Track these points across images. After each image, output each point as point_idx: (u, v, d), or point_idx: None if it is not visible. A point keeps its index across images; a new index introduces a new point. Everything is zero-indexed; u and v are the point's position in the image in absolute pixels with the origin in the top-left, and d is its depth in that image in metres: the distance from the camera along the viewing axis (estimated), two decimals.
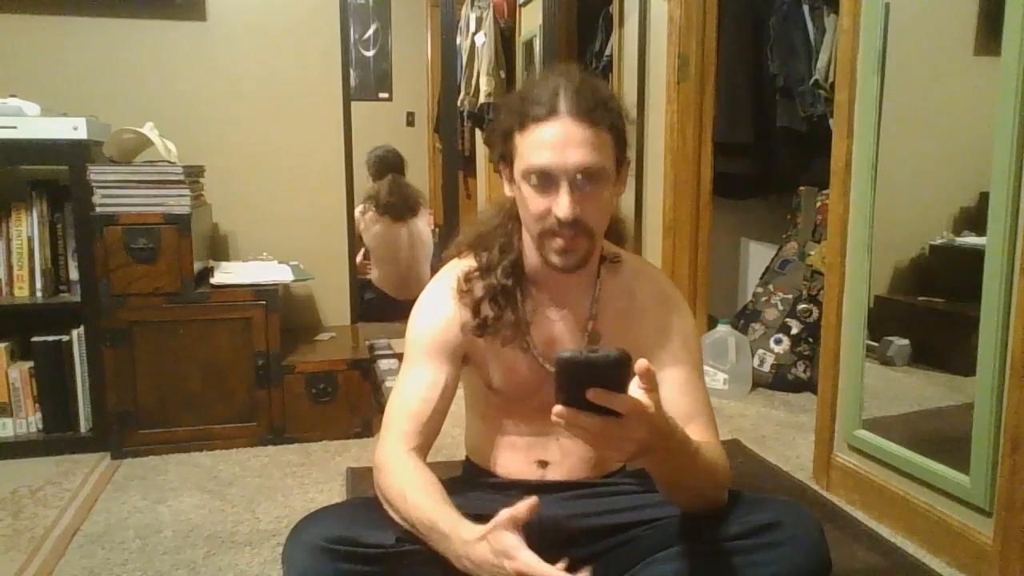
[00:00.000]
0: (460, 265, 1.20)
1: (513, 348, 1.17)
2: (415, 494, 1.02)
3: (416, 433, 1.12)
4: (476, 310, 1.16)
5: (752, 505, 1.06)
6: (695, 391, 1.16)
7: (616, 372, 0.84)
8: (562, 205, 1.01)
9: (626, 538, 1.13)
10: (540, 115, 1.02)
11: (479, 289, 1.16)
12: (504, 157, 1.10)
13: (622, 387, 0.85)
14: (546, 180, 1.03)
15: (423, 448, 1.13)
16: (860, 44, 1.77)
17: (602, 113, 1.03)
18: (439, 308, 1.18)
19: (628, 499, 1.17)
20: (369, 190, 3.79)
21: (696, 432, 1.10)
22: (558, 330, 1.18)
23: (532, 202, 1.05)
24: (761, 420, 2.50)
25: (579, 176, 1.02)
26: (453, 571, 1.02)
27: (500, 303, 1.15)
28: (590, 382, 0.82)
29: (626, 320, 1.18)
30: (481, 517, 1.14)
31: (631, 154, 1.12)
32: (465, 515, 0.98)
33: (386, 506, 1.06)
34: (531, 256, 1.15)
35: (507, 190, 1.13)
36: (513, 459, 1.22)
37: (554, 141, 1.01)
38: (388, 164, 3.85)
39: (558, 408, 0.84)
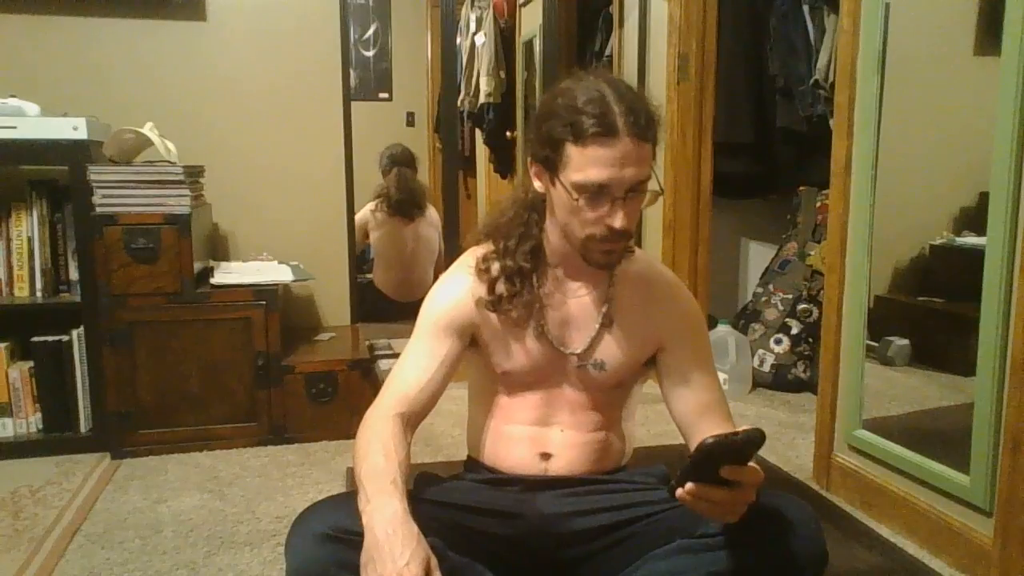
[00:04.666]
0: (479, 250, 1.25)
1: (526, 328, 1.20)
2: (375, 455, 1.04)
3: (408, 400, 1.15)
4: (492, 288, 1.20)
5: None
6: (711, 377, 1.23)
7: (752, 450, 0.94)
8: (619, 219, 1.07)
9: (624, 535, 1.14)
10: (598, 132, 1.04)
11: (495, 269, 1.20)
12: (548, 160, 1.11)
13: (747, 461, 0.95)
14: (600, 193, 1.07)
15: (411, 418, 1.15)
16: (860, 44, 1.77)
17: (653, 130, 1.08)
18: (455, 285, 1.23)
19: (627, 496, 1.18)
20: (379, 188, 3.78)
21: (716, 419, 1.18)
22: (573, 312, 1.22)
23: (583, 211, 1.09)
24: (761, 420, 2.50)
25: (630, 191, 1.07)
26: (455, 561, 1.02)
27: (515, 283, 1.19)
28: (725, 460, 0.92)
29: (641, 308, 1.22)
30: (484, 511, 1.15)
31: None
32: (405, 500, 0.99)
33: (353, 459, 1.08)
34: (554, 243, 1.20)
35: (538, 186, 1.16)
36: (516, 452, 1.23)
37: (614, 160, 1.05)
38: (396, 160, 3.83)
39: (689, 486, 0.92)
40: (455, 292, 1.22)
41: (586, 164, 1.05)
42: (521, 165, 4.16)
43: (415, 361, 1.18)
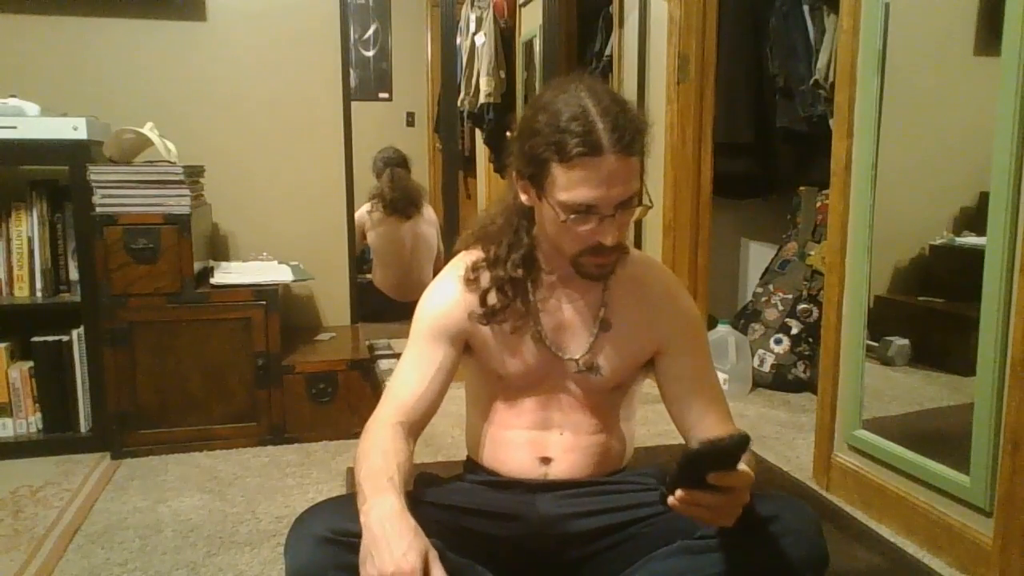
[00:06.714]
0: (468, 257, 1.23)
1: (522, 335, 1.19)
2: (373, 458, 1.04)
3: (409, 409, 1.15)
4: (483, 299, 1.19)
5: (749, 500, 1.07)
6: (710, 379, 1.23)
7: (739, 454, 0.92)
8: (609, 234, 1.06)
9: (625, 536, 1.14)
10: (583, 152, 1.01)
11: (486, 280, 1.19)
12: (534, 177, 1.09)
13: (736, 465, 0.94)
14: (588, 211, 1.05)
15: (412, 427, 1.15)
16: (860, 44, 1.77)
17: (640, 143, 1.06)
18: (445, 293, 1.22)
19: (628, 497, 1.18)
20: (373, 188, 3.80)
21: (715, 420, 1.17)
22: (568, 317, 1.21)
23: (571, 229, 1.07)
24: (761, 420, 2.50)
25: (619, 206, 1.06)
26: (455, 562, 1.02)
27: (508, 292, 1.18)
28: (713, 467, 0.92)
29: (637, 309, 1.22)
30: (484, 513, 1.14)
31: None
32: (403, 497, 0.98)
33: (355, 464, 1.08)
34: (546, 249, 1.18)
35: (524, 199, 1.14)
36: (516, 456, 1.22)
37: (599, 179, 1.03)
38: (389, 161, 3.86)
39: (679, 493, 0.92)
40: (445, 300, 1.21)
41: (572, 184, 1.03)
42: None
43: (411, 369, 1.18)
